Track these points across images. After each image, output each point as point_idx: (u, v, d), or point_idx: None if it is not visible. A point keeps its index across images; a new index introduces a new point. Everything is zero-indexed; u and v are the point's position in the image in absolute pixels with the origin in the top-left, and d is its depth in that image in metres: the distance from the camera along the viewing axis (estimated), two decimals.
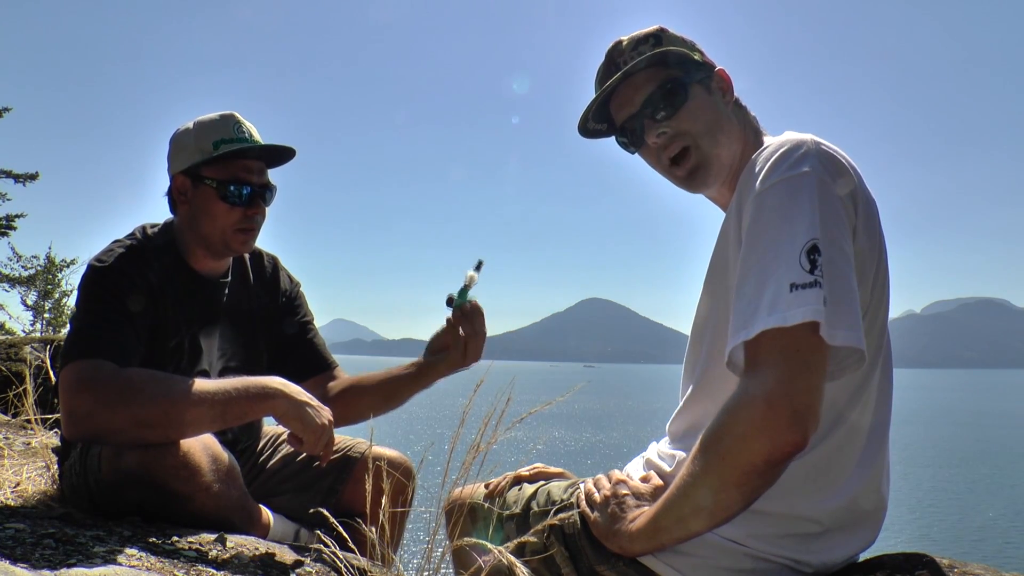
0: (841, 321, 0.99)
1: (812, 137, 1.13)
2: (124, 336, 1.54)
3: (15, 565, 1.00)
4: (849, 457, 1.16)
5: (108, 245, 1.68)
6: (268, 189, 1.77)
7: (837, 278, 1.01)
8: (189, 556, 1.27)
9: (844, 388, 1.15)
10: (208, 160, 1.69)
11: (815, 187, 1.05)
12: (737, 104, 1.36)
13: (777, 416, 0.96)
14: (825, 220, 1.03)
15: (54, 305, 16.32)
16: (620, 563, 1.19)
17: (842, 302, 1.00)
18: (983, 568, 1.14)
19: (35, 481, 1.93)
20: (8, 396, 3.18)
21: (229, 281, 1.86)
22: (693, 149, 1.30)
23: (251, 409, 1.50)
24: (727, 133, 1.31)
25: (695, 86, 1.31)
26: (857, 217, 1.10)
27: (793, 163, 1.08)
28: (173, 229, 1.79)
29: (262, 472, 1.91)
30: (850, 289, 1.02)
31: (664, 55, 1.31)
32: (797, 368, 0.98)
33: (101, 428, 1.42)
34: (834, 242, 1.03)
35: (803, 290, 0.98)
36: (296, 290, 2.02)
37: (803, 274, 0.99)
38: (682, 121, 1.29)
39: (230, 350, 1.84)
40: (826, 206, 1.04)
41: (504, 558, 1.11)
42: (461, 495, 1.55)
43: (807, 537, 1.13)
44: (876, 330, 1.17)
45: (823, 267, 1.00)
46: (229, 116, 1.74)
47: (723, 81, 1.34)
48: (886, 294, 1.18)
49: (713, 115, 1.30)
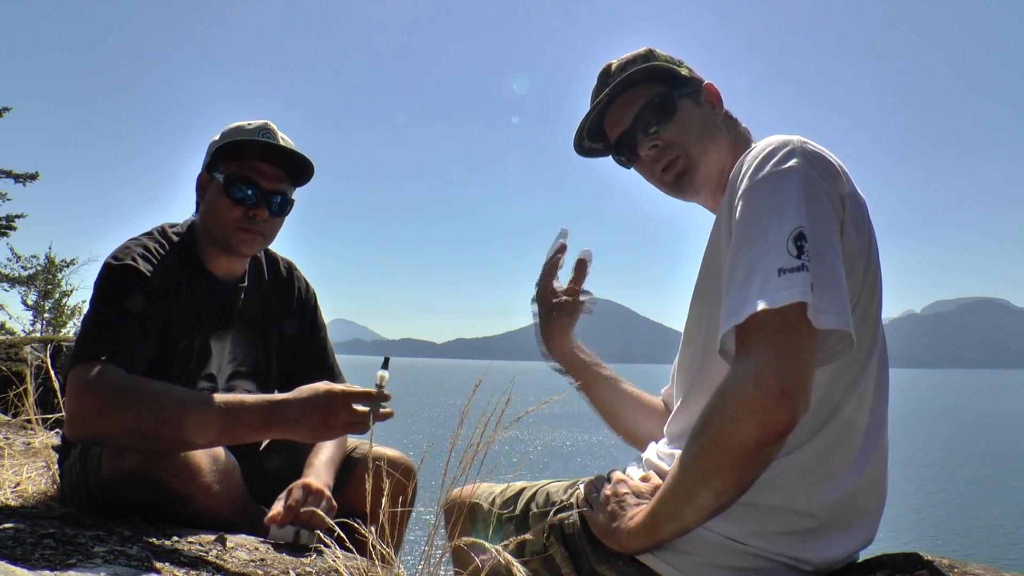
0: (829, 304, 1.00)
1: (799, 137, 1.16)
2: (132, 339, 1.54)
3: (15, 565, 1.00)
4: (846, 452, 1.16)
5: (125, 243, 1.68)
6: (279, 197, 1.75)
7: (823, 264, 1.02)
8: (189, 556, 1.27)
9: (839, 381, 1.15)
10: (224, 154, 1.71)
11: (802, 180, 1.08)
12: (727, 116, 1.42)
13: (766, 396, 0.97)
14: (811, 209, 1.05)
15: (54, 305, 16.32)
16: (620, 562, 1.19)
17: (829, 286, 1.01)
18: (983, 568, 1.14)
19: (35, 481, 1.93)
20: (8, 396, 3.18)
21: (245, 286, 1.86)
22: (682, 157, 1.36)
23: (248, 439, 1.52)
24: (716, 141, 1.36)
25: (684, 99, 1.38)
26: (846, 213, 1.12)
27: (780, 159, 1.11)
28: (194, 230, 1.79)
29: (263, 473, 1.91)
30: (837, 275, 1.04)
31: (653, 71, 1.38)
32: (786, 349, 0.99)
33: (99, 433, 1.43)
34: (820, 230, 1.05)
35: (791, 274, 1.00)
36: (311, 298, 2.01)
37: (790, 259, 1.01)
38: (673, 132, 1.36)
39: (241, 355, 1.84)
40: (812, 197, 1.07)
41: (502, 558, 1.11)
42: (460, 495, 1.56)
43: (805, 534, 1.14)
44: (869, 324, 1.18)
45: (810, 253, 1.02)
46: (261, 124, 1.75)
47: (711, 94, 1.41)
48: (878, 290, 1.19)
49: (702, 125, 1.37)
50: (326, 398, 1.45)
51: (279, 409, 1.45)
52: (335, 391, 1.46)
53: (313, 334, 1.97)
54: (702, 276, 1.29)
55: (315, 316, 2.00)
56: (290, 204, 1.80)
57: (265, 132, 1.74)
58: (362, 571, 1.29)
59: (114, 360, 1.46)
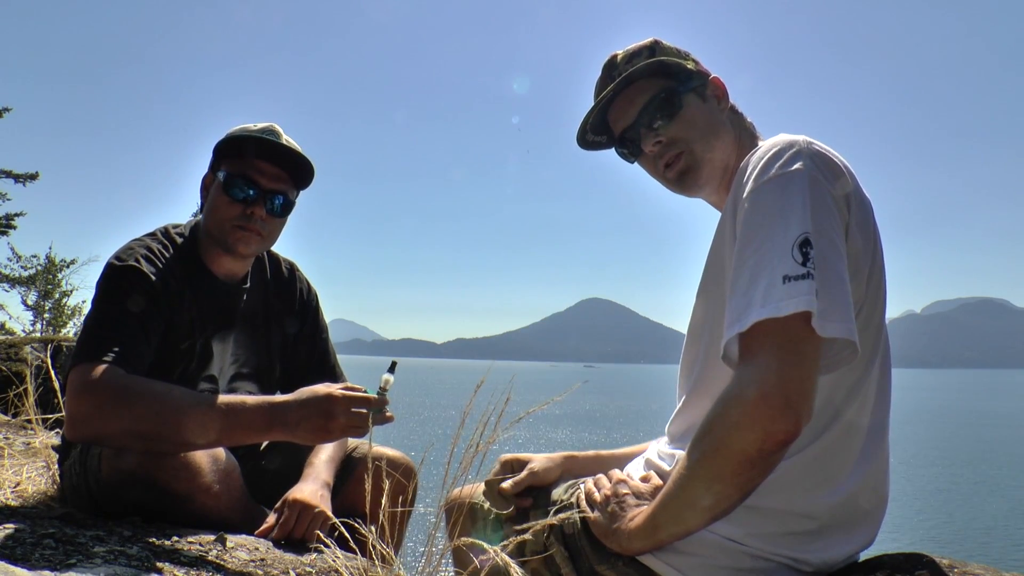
0: (833, 313, 1.00)
1: (804, 137, 1.15)
2: (133, 339, 1.54)
3: (15, 565, 1.00)
4: (847, 455, 1.16)
5: (127, 243, 1.68)
6: (279, 197, 1.75)
7: (828, 271, 1.02)
8: (189, 556, 1.27)
9: (841, 385, 1.15)
10: (227, 153, 1.72)
11: (807, 183, 1.07)
12: (733, 110, 1.40)
13: (770, 405, 0.97)
14: (816, 214, 1.05)
15: (54, 305, 16.31)
16: (620, 563, 1.19)
17: (834, 294, 1.01)
18: (983, 568, 1.14)
19: (35, 481, 1.93)
20: (8, 396, 3.18)
21: (248, 287, 1.86)
22: (686, 154, 1.34)
23: (248, 440, 1.52)
24: (721, 138, 1.34)
25: (689, 94, 1.35)
26: (851, 215, 1.11)
27: (786, 161, 1.10)
28: (197, 231, 1.80)
29: (263, 473, 1.91)
30: (842, 282, 1.03)
31: (658, 65, 1.35)
32: (790, 358, 0.99)
33: (98, 433, 1.43)
34: (825, 236, 1.04)
35: (796, 282, 1.00)
36: (313, 299, 2.01)
37: (796, 266, 1.00)
38: (677, 129, 1.34)
39: (243, 356, 1.84)
40: (818, 201, 1.06)
41: (500, 558, 1.11)
42: (461, 495, 1.55)
43: (806, 535, 1.14)
44: (873, 328, 1.17)
45: (815, 260, 1.01)
46: (268, 126, 1.76)
47: (717, 88, 1.38)
48: (882, 292, 1.18)
49: (707, 122, 1.34)
50: (326, 401, 1.45)
51: (279, 411, 1.45)
52: (335, 394, 1.45)
53: (315, 335, 1.97)
54: (707, 273, 1.29)
55: (317, 317, 2.00)
56: (291, 205, 1.79)
57: (269, 133, 1.74)
58: (362, 571, 1.29)
59: (115, 360, 1.46)
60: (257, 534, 1.50)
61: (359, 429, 1.46)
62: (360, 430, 1.46)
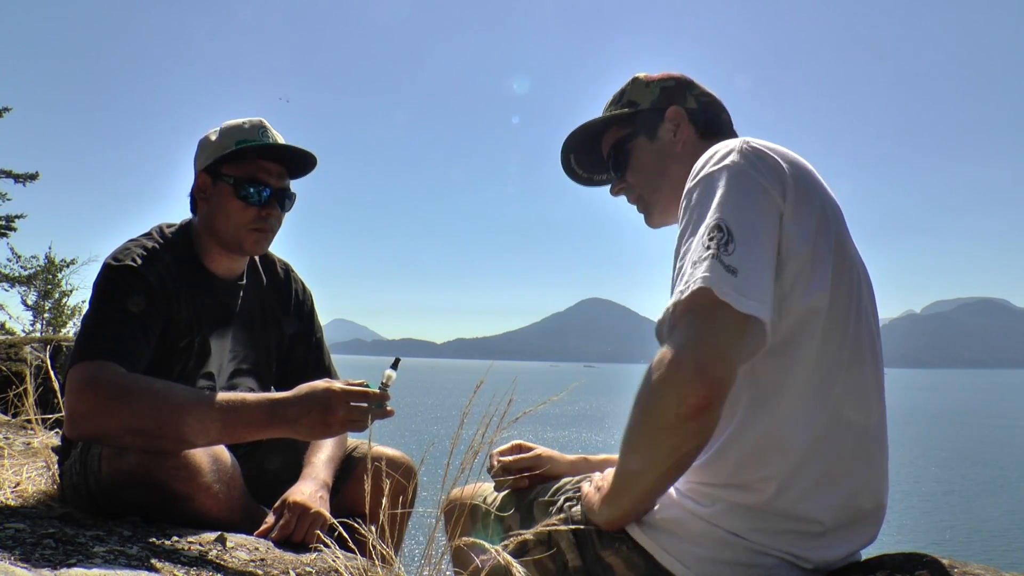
0: (749, 289, 1.03)
1: (743, 139, 1.18)
2: (132, 338, 1.54)
3: (15, 565, 1.00)
4: (847, 455, 1.17)
5: (124, 243, 1.69)
6: (286, 194, 1.80)
7: (746, 253, 1.05)
8: (189, 556, 1.27)
9: (838, 383, 1.16)
10: (228, 157, 1.72)
11: (732, 174, 1.12)
12: (705, 127, 1.44)
13: (682, 370, 1.01)
14: (732, 199, 1.09)
15: (54, 305, 16.30)
16: (624, 547, 1.21)
17: (748, 274, 1.04)
18: (983, 568, 1.14)
19: (35, 481, 1.93)
20: (8, 396, 3.18)
21: (244, 284, 1.87)
22: (639, 199, 1.49)
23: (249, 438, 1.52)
24: (669, 173, 1.43)
25: (638, 140, 1.46)
26: (785, 204, 1.13)
27: (718, 159, 1.15)
28: (191, 230, 1.80)
29: (263, 473, 1.91)
30: (759, 262, 1.06)
31: (611, 120, 1.49)
32: (702, 326, 1.03)
33: (98, 431, 1.43)
34: (746, 221, 1.08)
35: (703, 262, 1.05)
36: (308, 300, 2.02)
37: (702, 250, 1.06)
38: (630, 177, 1.49)
39: (242, 352, 1.85)
40: (737, 189, 1.10)
41: (501, 558, 1.11)
42: (461, 495, 1.56)
43: (808, 534, 1.15)
44: (865, 325, 1.18)
45: (724, 241, 1.06)
46: (258, 122, 1.77)
47: (673, 118, 1.44)
48: (864, 292, 1.20)
49: (654, 163, 1.45)
50: (325, 395, 1.46)
51: (279, 407, 1.46)
52: (334, 389, 1.46)
53: (310, 335, 1.99)
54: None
55: (312, 317, 2.02)
56: (294, 198, 1.84)
57: (263, 131, 1.76)
58: (362, 571, 1.29)
59: (115, 358, 1.47)
60: (256, 535, 1.50)
61: (359, 423, 1.46)
62: (360, 424, 1.46)
